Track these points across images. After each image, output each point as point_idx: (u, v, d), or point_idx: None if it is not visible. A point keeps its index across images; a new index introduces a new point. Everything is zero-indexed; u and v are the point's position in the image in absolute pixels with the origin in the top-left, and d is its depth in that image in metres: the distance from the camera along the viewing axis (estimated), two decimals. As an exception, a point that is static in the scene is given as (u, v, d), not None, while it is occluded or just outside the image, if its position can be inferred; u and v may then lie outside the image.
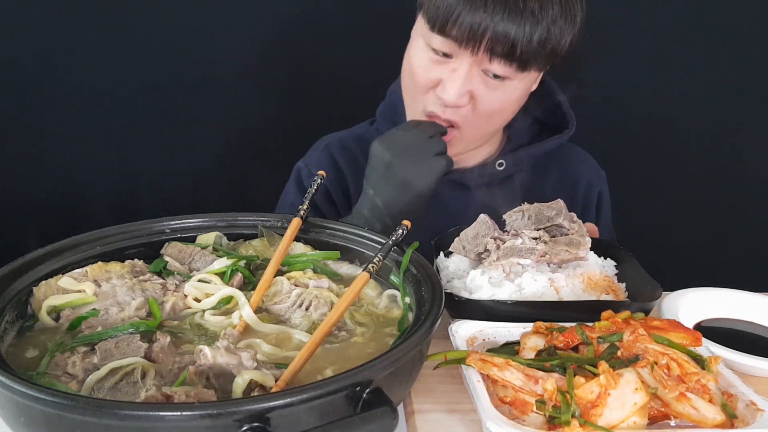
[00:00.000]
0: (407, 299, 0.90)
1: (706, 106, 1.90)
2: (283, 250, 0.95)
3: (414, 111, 1.26)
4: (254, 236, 1.04)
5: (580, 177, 1.42)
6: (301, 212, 1.00)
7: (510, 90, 1.19)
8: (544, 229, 1.03)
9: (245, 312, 0.85)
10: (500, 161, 1.34)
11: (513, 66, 1.15)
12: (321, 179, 1.06)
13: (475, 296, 0.96)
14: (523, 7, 1.10)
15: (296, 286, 0.91)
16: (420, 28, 1.21)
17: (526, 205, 1.07)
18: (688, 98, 1.89)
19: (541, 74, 1.30)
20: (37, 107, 1.67)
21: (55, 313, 0.84)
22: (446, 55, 1.17)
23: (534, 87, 1.30)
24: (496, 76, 1.16)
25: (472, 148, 1.33)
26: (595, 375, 0.72)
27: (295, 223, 0.99)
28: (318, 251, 1.01)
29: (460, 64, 1.16)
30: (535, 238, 1.00)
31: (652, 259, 1.18)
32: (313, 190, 1.04)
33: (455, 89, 1.16)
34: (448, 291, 0.90)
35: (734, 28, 1.83)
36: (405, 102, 1.30)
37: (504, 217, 1.08)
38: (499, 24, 1.10)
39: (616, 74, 1.82)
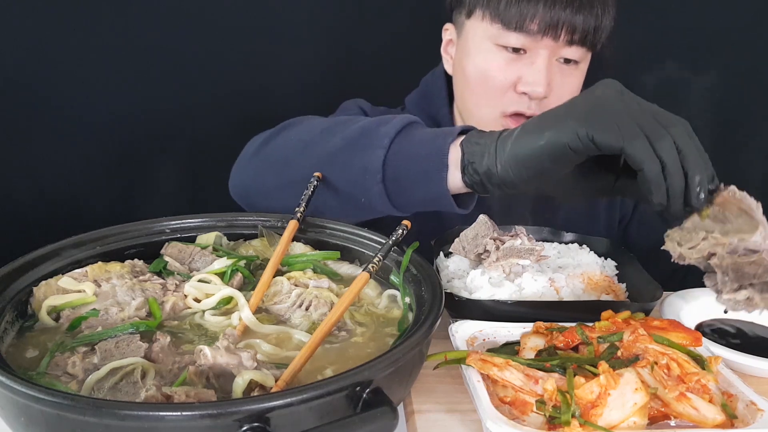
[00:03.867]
0: (407, 299, 0.90)
1: (707, 106, 1.90)
2: (281, 252, 0.95)
3: (488, 116, 1.25)
4: (254, 236, 1.04)
5: None
6: (298, 214, 1.00)
7: (580, 74, 1.23)
8: (750, 285, 0.77)
9: (244, 314, 0.84)
10: None
11: (586, 46, 1.19)
12: (317, 181, 1.03)
13: (475, 296, 0.96)
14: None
15: (296, 286, 0.91)
16: (483, 32, 1.21)
17: (716, 255, 0.76)
18: (689, 97, 1.89)
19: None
20: (37, 106, 1.67)
21: (55, 313, 0.84)
22: (519, 51, 1.19)
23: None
24: (570, 61, 1.20)
25: None
26: (595, 375, 0.72)
27: (292, 225, 0.99)
28: (318, 251, 1.01)
29: (538, 56, 1.18)
30: (748, 299, 0.75)
31: (654, 259, 1.18)
32: (310, 192, 1.02)
33: (543, 81, 1.18)
34: (448, 291, 0.90)
35: (741, 32, 1.83)
36: (471, 110, 1.28)
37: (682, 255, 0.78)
38: (576, 10, 1.14)
39: (620, 74, 1.82)
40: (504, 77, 1.20)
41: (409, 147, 0.91)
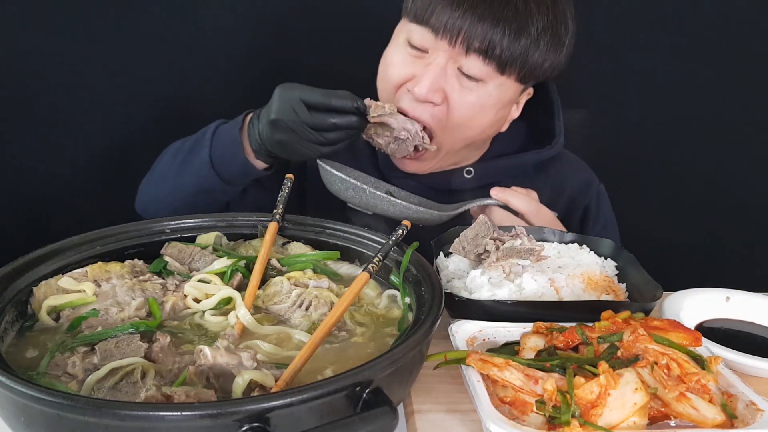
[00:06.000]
0: (407, 299, 0.90)
1: (706, 107, 1.90)
2: (265, 254, 0.95)
3: None
4: (254, 236, 1.04)
5: (563, 190, 1.38)
6: (277, 216, 1.01)
7: (484, 95, 1.18)
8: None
9: (241, 313, 0.84)
10: (468, 169, 1.32)
11: (492, 65, 1.14)
12: (290, 182, 1.07)
13: (475, 296, 0.96)
14: (506, 5, 1.12)
15: (296, 286, 0.91)
16: (401, 26, 1.22)
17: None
18: (688, 99, 1.89)
19: (523, 100, 1.28)
20: (36, 106, 1.67)
21: (55, 313, 0.84)
22: (423, 51, 1.17)
23: (516, 114, 1.29)
24: (471, 77, 1.16)
25: (450, 162, 1.31)
26: (595, 375, 0.72)
27: (273, 226, 0.99)
28: (318, 251, 1.01)
29: (435, 58, 1.15)
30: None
31: (653, 260, 1.18)
32: (285, 194, 1.04)
33: (427, 82, 1.15)
34: (448, 291, 0.90)
35: (730, 27, 1.83)
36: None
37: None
38: (478, 18, 1.11)
39: (616, 75, 1.82)
40: (399, 72, 1.20)
41: (219, 140, 1.23)
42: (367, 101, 1.15)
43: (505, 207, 1.20)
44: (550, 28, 1.16)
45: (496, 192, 1.20)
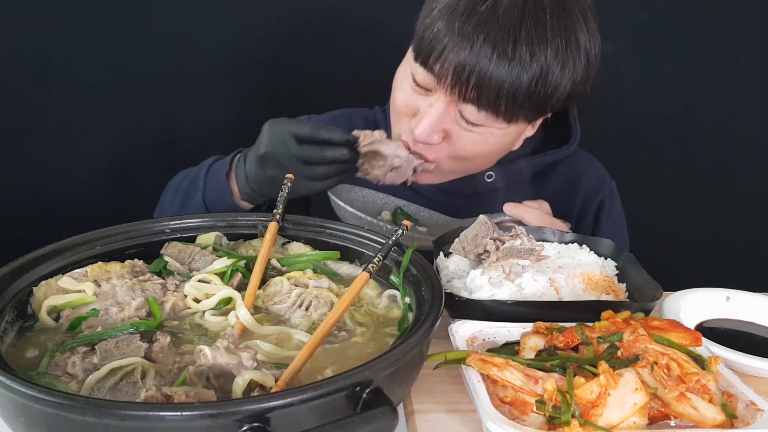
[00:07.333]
0: (407, 299, 0.90)
1: (707, 107, 1.90)
2: (265, 254, 0.95)
3: (396, 130, 1.24)
4: (254, 236, 1.04)
5: (578, 187, 1.39)
6: (277, 216, 1.01)
7: (487, 132, 1.15)
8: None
9: (241, 313, 0.84)
10: (489, 173, 1.32)
11: (499, 120, 1.12)
12: (290, 182, 1.05)
13: (475, 296, 0.96)
14: (512, 54, 1.05)
15: (296, 286, 0.91)
16: (409, 53, 1.17)
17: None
18: (689, 100, 1.89)
19: (539, 121, 1.24)
20: (36, 106, 1.67)
21: (55, 313, 0.84)
22: (426, 89, 1.14)
23: (531, 132, 1.25)
24: (474, 123, 1.13)
25: (455, 177, 1.30)
26: (595, 375, 0.72)
27: (273, 226, 0.99)
28: (318, 251, 1.01)
29: (438, 99, 1.12)
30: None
31: (653, 260, 1.18)
32: (285, 194, 1.04)
33: (427, 126, 1.12)
34: (448, 291, 0.90)
35: (738, 29, 1.83)
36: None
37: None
38: (485, 68, 1.05)
39: (619, 76, 1.82)
40: (405, 104, 1.17)
41: (211, 183, 1.25)
42: (356, 132, 1.12)
43: (519, 222, 1.18)
44: (560, 54, 1.08)
45: (509, 208, 1.17)
